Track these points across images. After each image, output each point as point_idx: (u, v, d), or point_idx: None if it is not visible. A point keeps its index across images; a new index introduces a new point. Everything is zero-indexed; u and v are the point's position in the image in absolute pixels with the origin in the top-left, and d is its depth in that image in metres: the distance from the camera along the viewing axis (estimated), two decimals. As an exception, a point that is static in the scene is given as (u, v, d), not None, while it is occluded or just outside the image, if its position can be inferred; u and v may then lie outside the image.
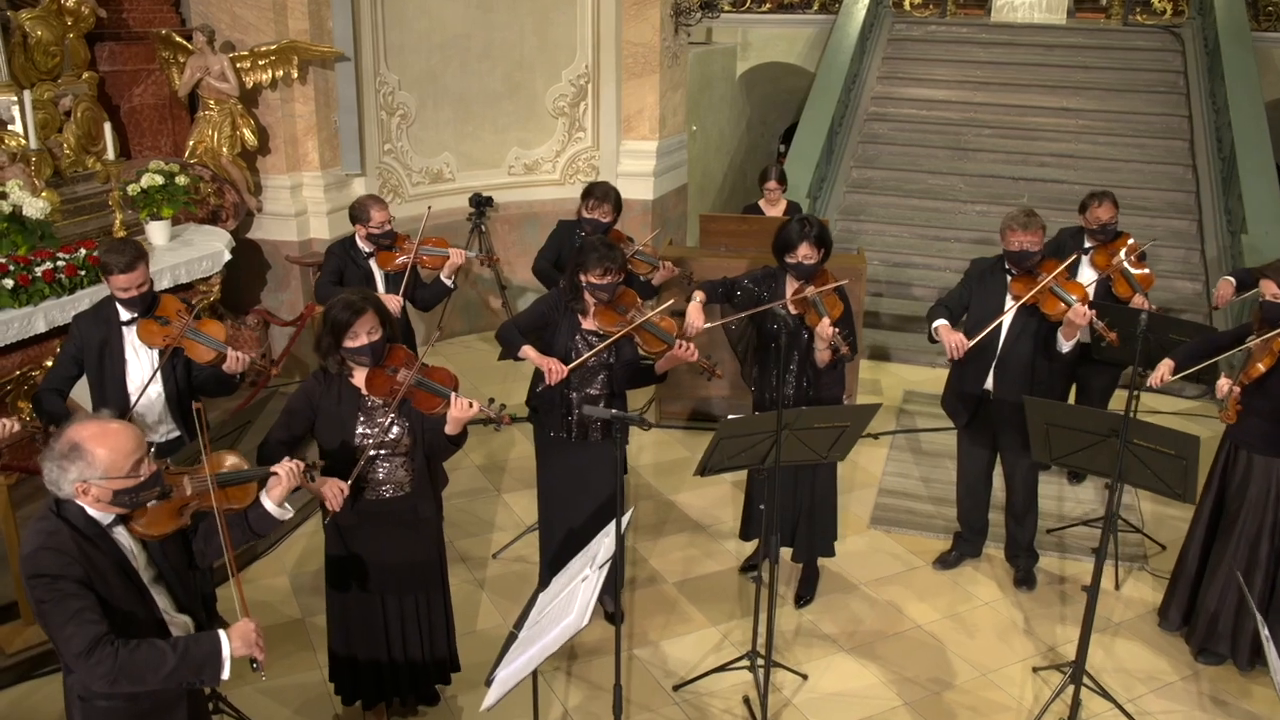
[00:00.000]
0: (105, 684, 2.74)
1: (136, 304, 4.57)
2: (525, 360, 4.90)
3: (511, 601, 5.51)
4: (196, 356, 4.59)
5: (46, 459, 2.88)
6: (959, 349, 5.11)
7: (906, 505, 6.57)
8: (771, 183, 7.66)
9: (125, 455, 2.88)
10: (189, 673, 2.87)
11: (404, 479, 4.16)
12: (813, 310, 4.89)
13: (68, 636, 2.74)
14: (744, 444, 4.14)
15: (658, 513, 6.44)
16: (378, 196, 5.90)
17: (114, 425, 2.92)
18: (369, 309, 3.97)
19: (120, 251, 4.49)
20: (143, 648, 2.79)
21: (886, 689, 4.87)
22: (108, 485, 2.87)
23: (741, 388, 7.46)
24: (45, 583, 2.77)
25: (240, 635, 2.96)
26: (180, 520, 3.07)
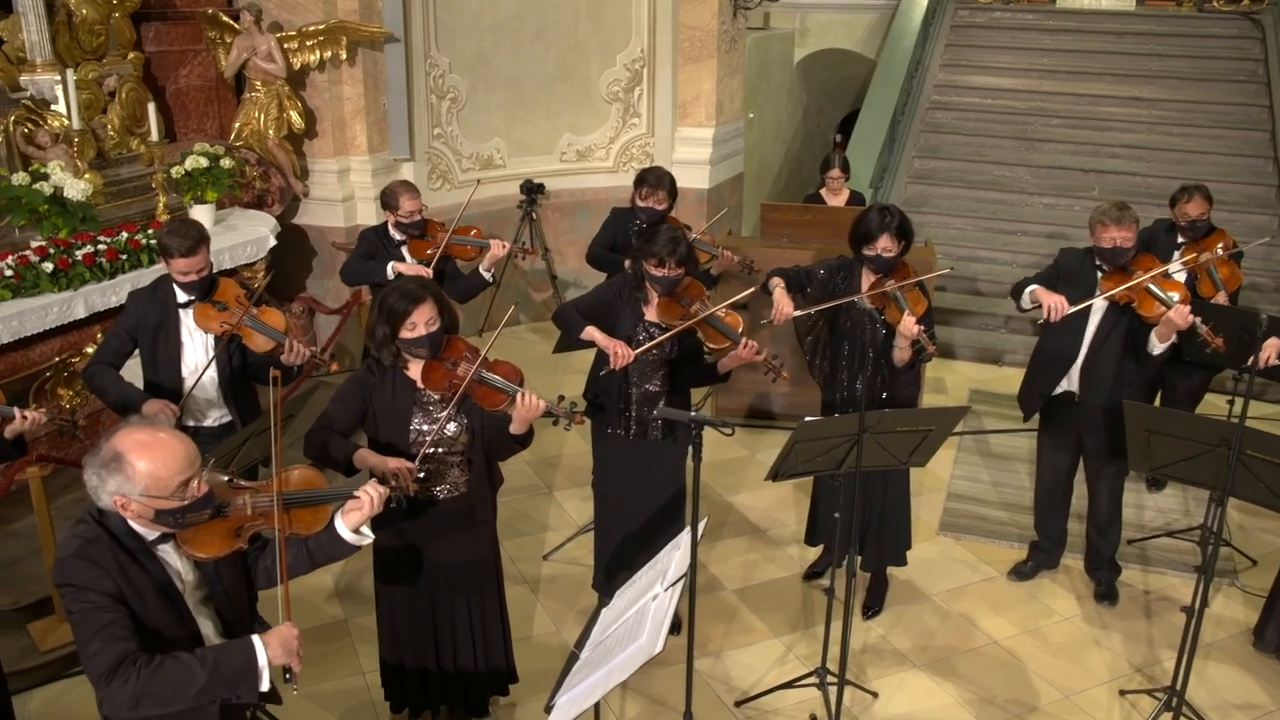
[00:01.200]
0: (128, 708, 2.48)
1: (195, 288, 4.41)
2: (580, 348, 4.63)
3: (565, 606, 5.25)
4: (254, 346, 4.40)
5: (89, 464, 2.63)
6: (1059, 310, 4.76)
7: (977, 511, 6.24)
8: (835, 171, 7.34)
9: (171, 474, 2.60)
10: (222, 688, 2.59)
11: (459, 479, 3.91)
12: (893, 305, 4.57)
13: (92, 654, 2.50)
14: (821, 447, 3.85)
15: (715, 515, 6.15)
16: (410, 183, 5.66)
17: (164, 437, 2.63)
18: (428, 297, 3.72)
19: (181, 234, 4.30)
20: (166, 665, 2.51)
21: (963, 710, 4.56)
22: (148, 503, 2.61)
23: (803, 384, 7.15)
24: (73, 593, 2.54)
25: (280, 642, 2.67)
26: (235, 543, 2.76)
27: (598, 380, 4.74)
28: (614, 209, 6.15)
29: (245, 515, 2.79)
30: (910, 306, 4.53)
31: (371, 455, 3.66)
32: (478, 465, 3.95)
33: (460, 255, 5.65)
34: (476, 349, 3.83)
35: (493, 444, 3.90)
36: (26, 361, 5.57)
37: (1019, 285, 5.02)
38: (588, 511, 6.05)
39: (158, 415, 4.29)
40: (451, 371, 3.75)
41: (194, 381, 4.46)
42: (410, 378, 3.80)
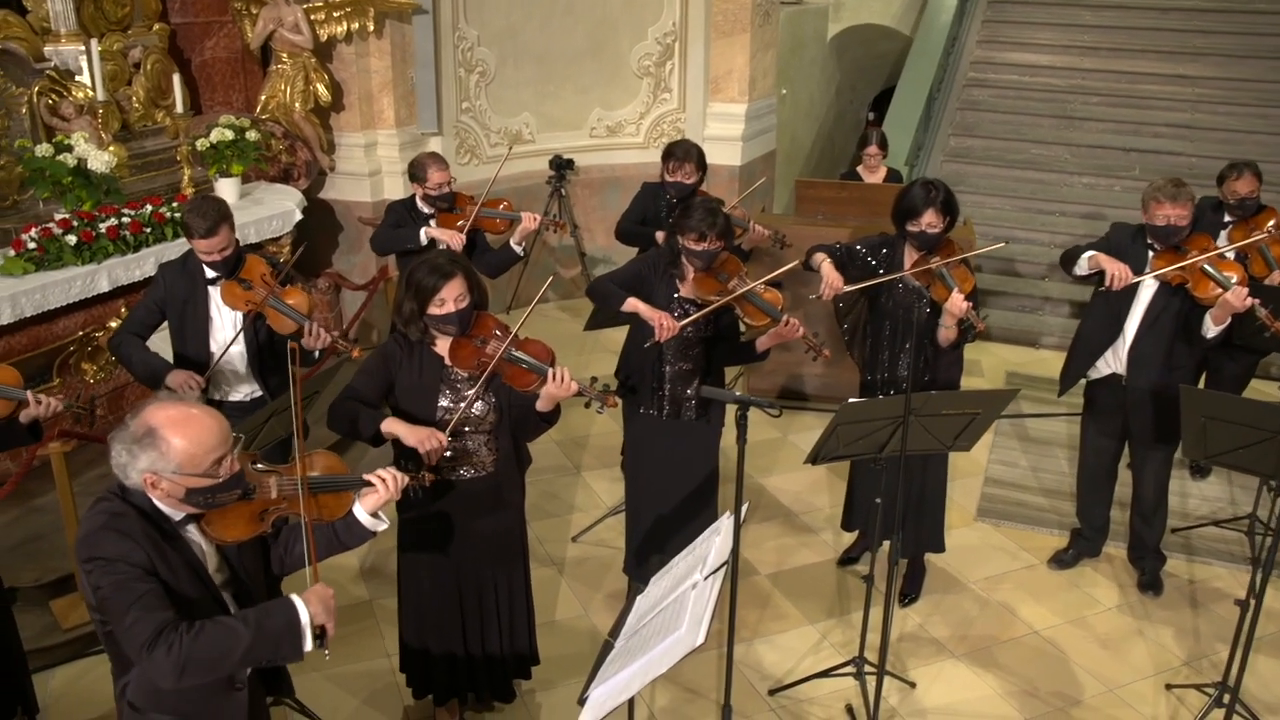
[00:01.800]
0: (173, 677, 2.36)
1: (220, 266, 4.31)
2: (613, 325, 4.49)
3: (592, 589, 5.14)
4: (277, 326, 4.30)
5: (117, 439, 2.51)
6: (1122, 278, 4.58)
7: (1015, 497, 6.08)
8: (872, 148, 7.17)
9: (206, 451, 2.50)
10: (266, 649, 2.49)
11: (487, 459, 3.79)
12: (939, 283, 4.41)
13: (130, 624, 2.37)
14: (863, 430, 3.70)
15: (747, 498, 5.99)
16: (438, 155, 5.52)
17: (198, 413, 2.54)
18: (458, 273, 3.59)
19: (201, 214, 4.19)
20: (208, 629, 2.41)
21: (1004, 702, 4.42)
22: (181, 481, 2.50)
23: (836, 365, 7.00)
24: (102, 566, 2.41)
25: (320, 599, 2.58)
26: (259, 526, 2.67)
27: (630, 358, 4.61)
28: (644, 184, 6.01)
29: (270, 498, 2.70)
30: (958, 284, 4.37)
31: (400, 424, 3.55)
32: (505, 445, 3.83)
33: (490, 228, 5.53)
34: (507, 326, 3.71)
35: (519, 423, 3.78)
36: (50, 335, 5.50)
37: (1072, 252, 4.84)
38: (617, 493, 5.94)
39: (183, 387, 4.20)
40: (480, 349, 3.63)
41: (220, 355, 4.37)
42: (438, 354, 3.68)
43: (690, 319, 4.29)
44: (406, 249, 5.40)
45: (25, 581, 4.78)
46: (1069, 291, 8.81)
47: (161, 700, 2.62)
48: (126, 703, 2.64)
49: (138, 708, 2.63)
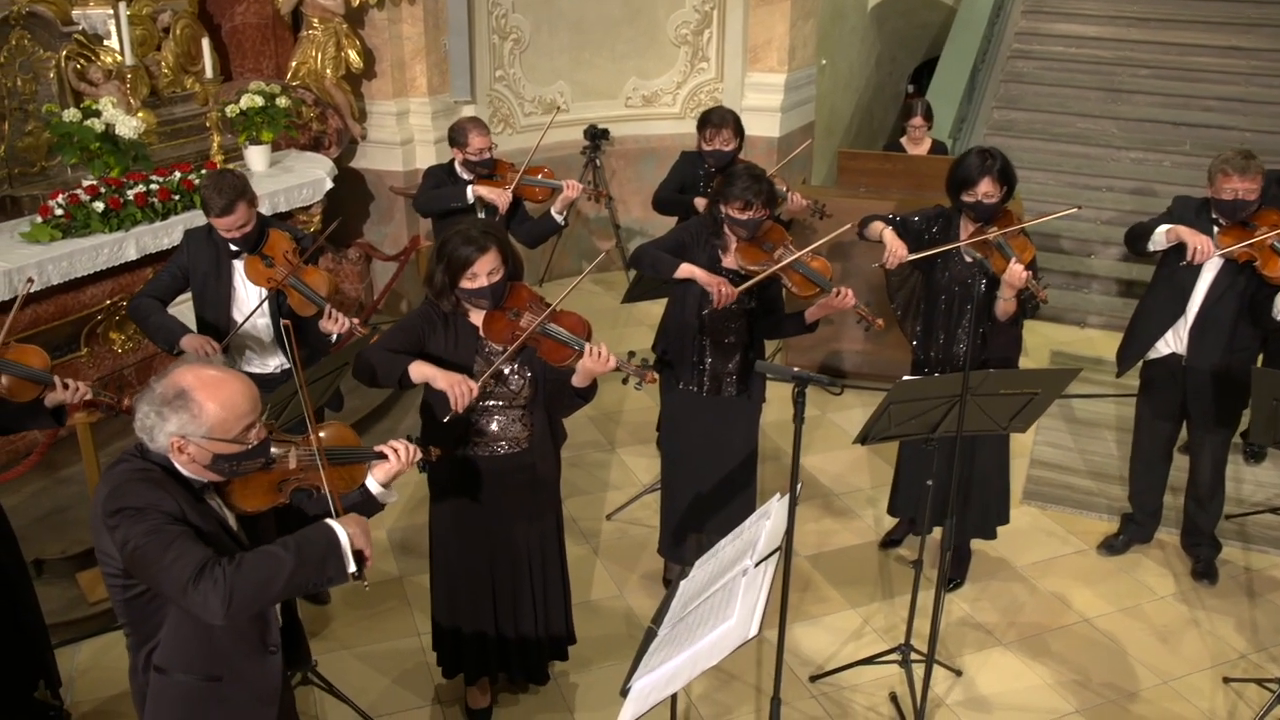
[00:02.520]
0: (222, 609, 2.26)
1: (240, 243, 4.19)
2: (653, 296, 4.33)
3: (627, 569, 5.01)
4: (297, 307, 4.18)
5: (143, 401, 2.42)
6: (1204, 251, 4.38)
7: (1063, 480, 5.90)
8: (917, 119, 6.95)
9: (238, 416, 2.42)
10: (312, 572, 2.40)
11: (520, 434, 3.66)
12: (997, 254, 4.22)
13: (169, 564, 2.27)
14: (916, 409, 3.53)
15: (784, 476, 5.86)
16: (479, 120, 5.36)
17: (230, 377, 2.46)
18: (492, 246, 3.44)
19: (218, 190, 4.05)
20: (249, 558, 2.33)
21: (1054, 693, 4.26)
22: (209, 447, 2.42)
23: (878, 341, 6.85)
24: (131, 514, 2.32)
25: (356, 523, 2.50)
26: (278, 497, 2.62)
27: (670, 332, 4.45)
28: (683, 153, 5.83)
29: (288, 469, 2.63)
30: (1016, 253, 4.19)
31: (430, 367, 3.42)
32: (540, 420, 3.70)
33: (530, 197, 5.36)
34: (542, 299, 3.56)
35: (553, 398, 3.65)
36: (77, 304, 5.41)
37: (1141, 228, 4.63)
38: (652, 470, 5.81)
39: (198, 351, 4.09)
40: (514, 323, 3.49)
41: (240, 326, 4.25)
42: (473, 324, 3.54)
43: (745, 285, 4.13)
44: (452, 208, 5.23)
45: (51, 554, 4.70)
46: (1115, 269, 8.58)
47: (193, 661, 2.54)
48: (153, 667, 2.54)
49: (164, 669, 2.54)
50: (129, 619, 2.52)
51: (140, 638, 2.53)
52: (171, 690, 2.55)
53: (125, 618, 2.52)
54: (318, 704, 4.10)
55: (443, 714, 4.11)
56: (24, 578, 3.83)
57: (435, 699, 4.18)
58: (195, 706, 2.58)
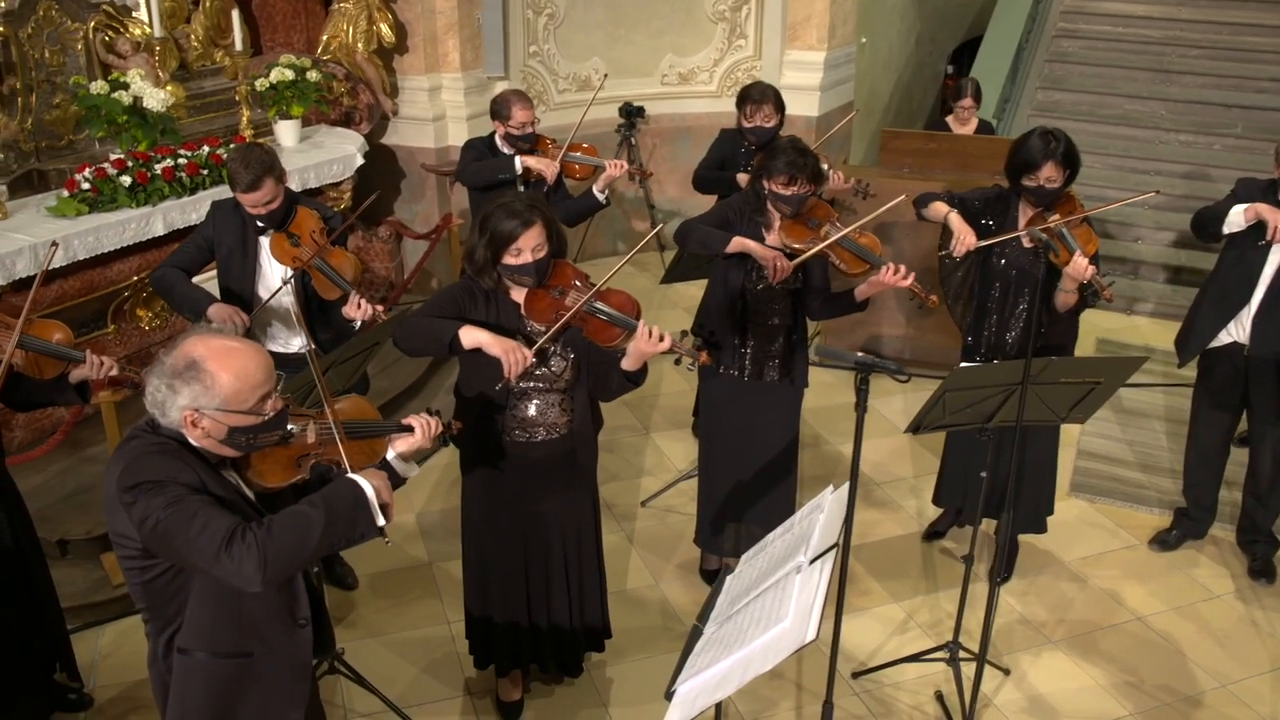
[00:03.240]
0: (259, 574, 2.17)
1: (266, 219, 4.04)
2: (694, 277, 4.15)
3: (662, 559, 4.87)
4: (321, 290, 4.04)
5: (155, 374, 2.31)
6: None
7: (1111, 472, 5.70)
8: (966, 99, 6.74)
9: (252, 386, 2.32)
10: (343, 527, 2.31)
11: (559, 419, 3.51)
12: (1059, 243, 4.03)
13: (196, 534, 2.17)
14: (972, 398, 3.36)
15: (823, 464, 5.70)
16: (522, 93, 5.18)
17: (242, 346, 2.35)
18: (537, 221, 3.29)
19: (245, 165, 3.90)
20: (279, 520, 2.25)
21: (1107, 695, 4.09)
22: (223, 420, 2.31)
23: (919, 325, 6.68)
24: (149, 489, 2.20)
25: (378, 476, 2.42)
26: (297, 473, 2.51)
27: (712, 313, 4.28)
28: (722, 130, 5.66)
29: (307, 443, 2.52)
30: (1081, 246, 4.00)
31: (482, 331, 3.26)
32: (580, 404, 3.55)
33: (571, 174, 5.20)
34: (587, 276, 3.41)
35: (599, 381, 3.49)
36: (104, 280, 5.31)
37: (1210, 211, 4.42)
38: (688, 455, 5.67)
39: (226, 320, 3.95)
40: (558, 301, 3.34)
41: (264, 303, 4.13)
42: (515, 301, 3.40)
43: (801, 258, 3.97)
44: (499, 180, 5.07)
45: (76, 534, 4.61)
46: (1163, 255, 8.35)
47: (221, 638, 2.43)
48: (176, 649, 2.43)
49: (189, 650, 2.43)
50: (148, 602, 2.41)
51: (161, 622, 2.42)
52: (198, 672, 2.45)
53: (144, 601, 2.42)
54: (344, 693, 3.99)
55: (473, 706, 3.99)
56: (40, 561, 3.72)
57: (465, 690, 4.06)
58: (225, 686, 2.48)
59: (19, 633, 3.63)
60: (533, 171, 5.04)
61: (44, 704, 3.82)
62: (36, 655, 3.71)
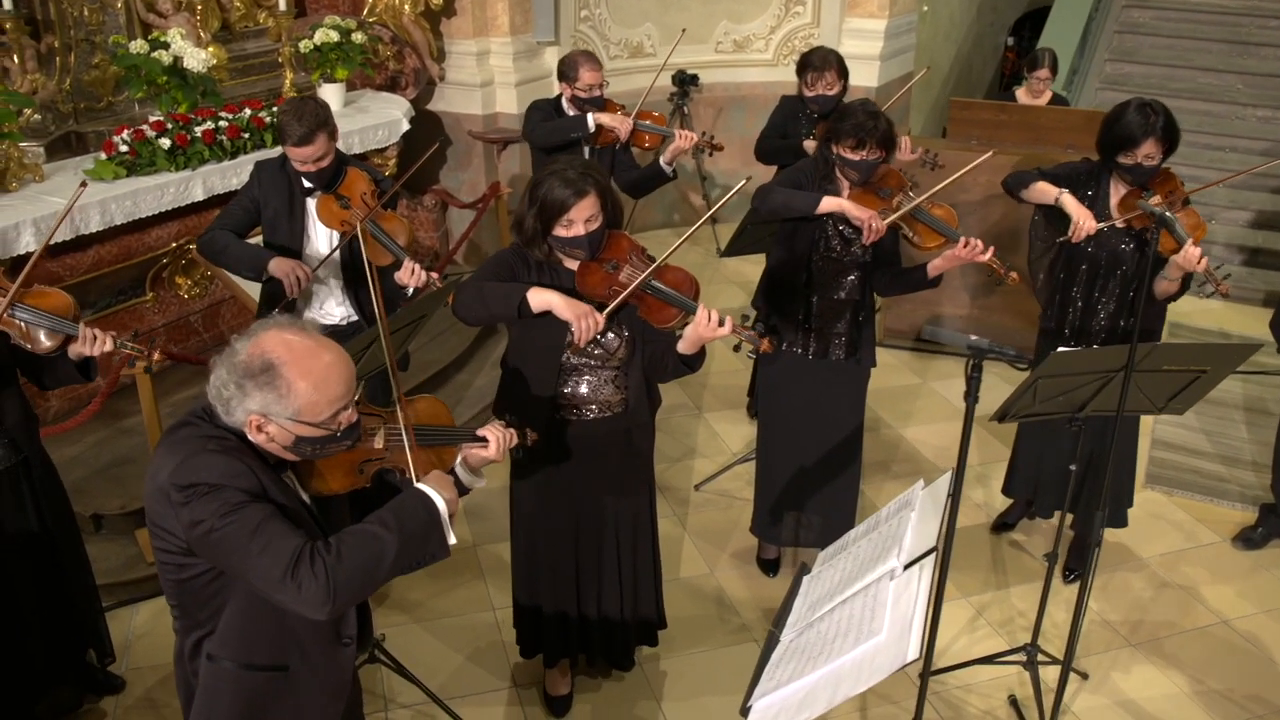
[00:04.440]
0: (325, 604, 1.98)
1: (315, 178, 3.83)
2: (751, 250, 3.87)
3: (717, 547, 4.65)
4: (372, 255, 3.78)
5: (225, 369, 2.09)
6: None
7: (1189, 463, 5.41)
8: (1043, 71, 6.43)
9: (330, 400, 2.10)
10: (415, 549, 2.12)
11: (613, 397, 3.29)
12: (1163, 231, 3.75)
13: (258, 554, 1.97)
14: (1066, 385, 3.10)
15: (882, 449, 5.45)
16: (591, 54, 4.93)
17: (325, 350, 2.13)
18: (591, 190, 3.05)
19: (297, 118, 3.68)
20: (348, 541, 2.04)
21: (1193, 703, 3.83)
22: (293, 430, 2.10)
23: (982, 306, 6.39)
24: (205, 494, 1.99)
25: (444, 484, 2.23)
26: (358, 479, 2.31)
27: (776, 288, 4.04)
28: (783, 97, 5.38)
29: (373, 449, 2.31)
30: (1188, 234, 3.71)
31: (553, 294, 3.03)
32: (635, 383, 3.32)
33: (637, 143, 4.94)
34: (644, 250, 3.17)
35: (654, 362, 3.26)
36: (142, 246, 5.14)
37: None
38: (743, 437, 5.45)
39: (289, 275, 3.72)
40: (612, 276, 3.11)
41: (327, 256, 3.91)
42: (570, 270, 3.17)
43: (891, 218, 3.72)
44: (571, 139, 4.82)
45: (111, 509, 4.46)
46: (1238, 236, 7.99)
47: (257, 650, 2.23)
48: (204, 655, 2.23)
49: (219, 658, 2.22)
50: (180, 602, 2.21)
51: (191, 622, 2.22)
52: (228, 682, 2.24)
53: (176, 600, 2.21)
54: (384, 682, 3.80)
55: (518, 698, 3.80)
56: (75, 541, 3.55)
57: (511, 681, 3.87)
58: (256, 699, 2.27)
59: (49, 616, 3.47)
60: (606, 129, 4.78)
61: (75, 688, 3.67)
62: (67, 639, 3.55)
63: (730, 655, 4.01)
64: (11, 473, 3.28)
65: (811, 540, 4.34)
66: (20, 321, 3.05)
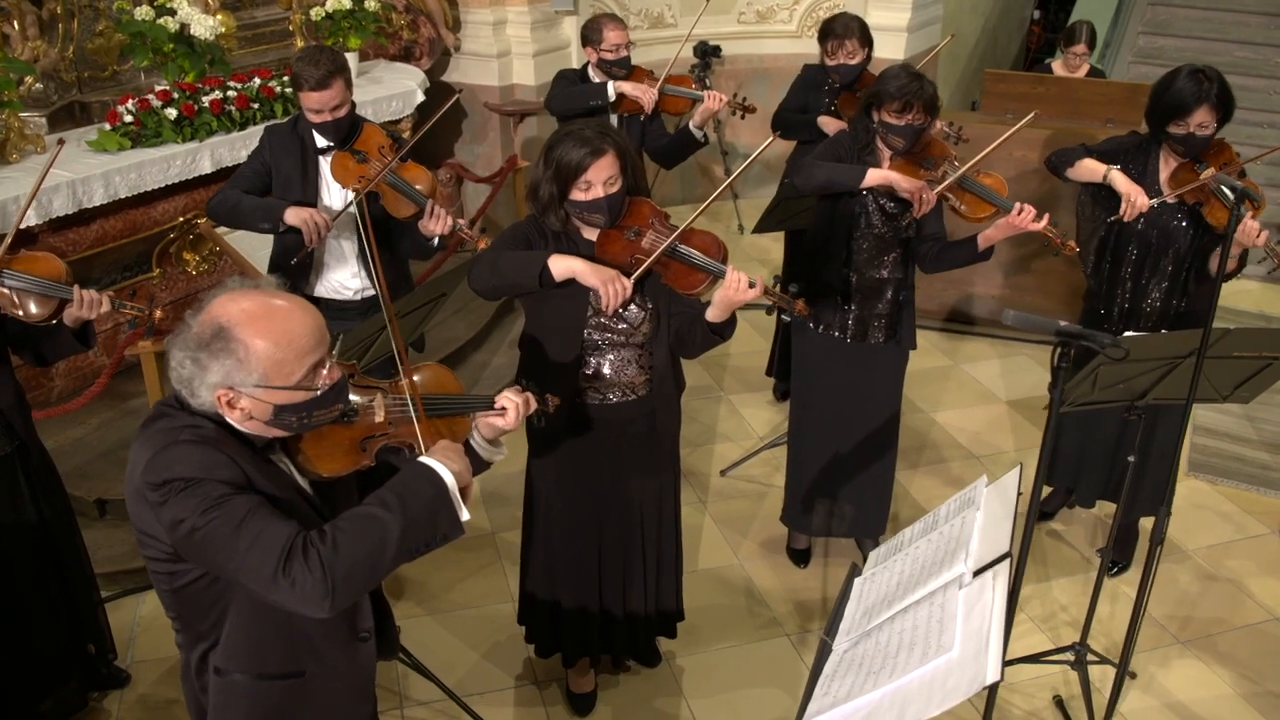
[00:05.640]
0: (324, 599, 1.76)
1: (330, 131, 3.62)
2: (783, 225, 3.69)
3: (742, 534, 4.47)
4: (393, 208, 3.60)
5: (177, 346, 1.88)
6: None
7: (1232, 450, 5.21)
8: (1080, 46, 6.20)
9: (298, 354, 1.88)
10: (422, 531, 1.88)
11: (637, 378, 3.11)
12: (1216, 203, 3.55)
13: (246, 550, 1.77)
14: (1127, 372, 2.91)
15: (915, 435, 5.25)
16: (615, 15, 4.71)
17: (283, 304, 1.91)
18: (609, 149, 2.86)
19: (314, 61, 3.49)
20: (345, 528, 1.81)
21: (1246, 706, 3.64)
22: (266, 397, 1.87)
23: (1019, 285, 6.19)
24: (183, 489, 1.78)
25: (455, 453, 1.98)
26: (361, 458, 2.06)
27: (815, 265, 3.83)
28: (805, 66, 5.15)
29: (374, 422, 2.07)
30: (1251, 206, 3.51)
31: (577, 260, 2.84)
32: (661, 362, 3.14)
33: (668, 108, 4.72)
34: (667, 215, 2.98)
35: (681, 336, 3.06)
36: (148, 220, 4.97)
37: None
38: (768, 421, 5.26)
39: (307, 223, 3.49)
40: (635, 243, 2.92)
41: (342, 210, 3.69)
42: (589, 240, 2.99)
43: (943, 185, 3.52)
44: (590, 107, 4.59)
45: (115, 493, 4.30)
46: (1274, 215, 7.73)
47: (268, 658, 2.04)
48: (212, 669, 2.04)
49: (227, 671, 2.03)
50: (179, 613, 2.01)
51: (193, 635, 2.03)
52: (240, 696, 2.05)
53: (175, 611, 2.02)
54: (400, 679, 3.64)
55: (540, 696, 3.63)
56: (71, 530, 3.38)
57: (532, 677, 3.70)
58: (274, 712, 2.09)
59: (52, 610, 3.31)
60: (628, 98, 4.58)
61: (81, 683, 3.52)
62: (72, 633, 3.39)
63: (760, 650, 3.84)
64: (8, 459, 3.11)
65: (843, 530, 4.16)
66: (9, 289, 2.87)
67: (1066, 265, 5.81)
